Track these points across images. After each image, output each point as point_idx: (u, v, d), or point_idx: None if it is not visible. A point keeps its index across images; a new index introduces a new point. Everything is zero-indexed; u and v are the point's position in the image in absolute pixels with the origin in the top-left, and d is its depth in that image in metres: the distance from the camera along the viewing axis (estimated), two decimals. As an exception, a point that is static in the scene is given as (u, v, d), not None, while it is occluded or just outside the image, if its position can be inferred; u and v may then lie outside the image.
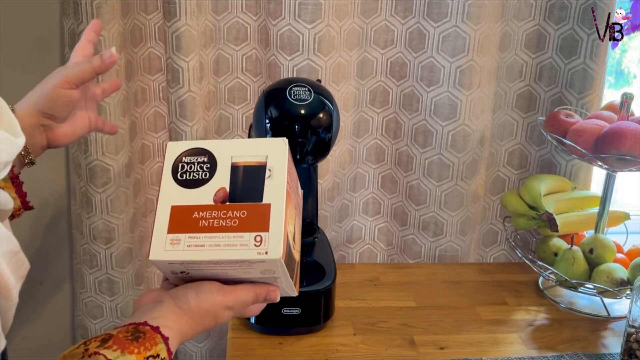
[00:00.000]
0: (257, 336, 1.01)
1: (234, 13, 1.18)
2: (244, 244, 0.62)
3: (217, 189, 0.65)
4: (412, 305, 1.12)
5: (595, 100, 1.22)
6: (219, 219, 0.64)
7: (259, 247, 0.62)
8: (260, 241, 0.62)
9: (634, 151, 1.04)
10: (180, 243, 0.63)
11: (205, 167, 0.66)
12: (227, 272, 0.65)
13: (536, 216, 1.18)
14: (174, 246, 0.63)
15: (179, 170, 0.67)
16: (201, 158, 0.67)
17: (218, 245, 0.62)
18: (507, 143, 1.31)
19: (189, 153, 0.68)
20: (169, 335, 0.62)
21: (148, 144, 1.26)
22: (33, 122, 0.74)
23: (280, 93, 0.98)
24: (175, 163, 0.67)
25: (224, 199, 0.65)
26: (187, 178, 0.66)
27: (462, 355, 0.99)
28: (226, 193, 0.65)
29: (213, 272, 0.65)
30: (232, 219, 0.63)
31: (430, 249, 1.31)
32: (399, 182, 1.31)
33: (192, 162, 0.67)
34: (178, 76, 1.14)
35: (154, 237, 0.64)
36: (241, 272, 0.65)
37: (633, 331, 0.92)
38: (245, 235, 0.62)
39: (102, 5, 1.06)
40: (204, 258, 0.62)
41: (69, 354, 0.57)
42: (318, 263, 1.07)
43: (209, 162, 0.67)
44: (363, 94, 1.26)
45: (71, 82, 0.74)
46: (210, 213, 0.64)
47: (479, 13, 1.15)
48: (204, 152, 0.67)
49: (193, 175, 0.66)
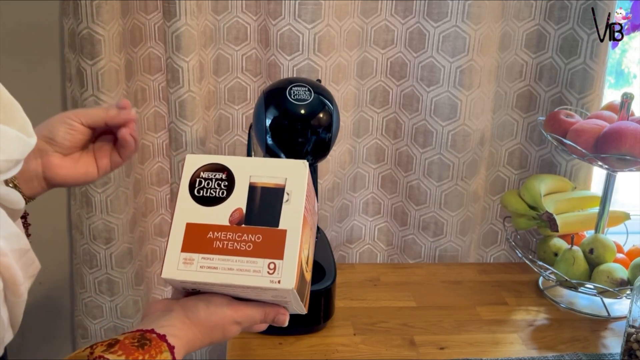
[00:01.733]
0: (257, 336, 1.01)
1: (234, 13, 1.18)
2: (257, 271, 0.62)
3: (234, 209, 0.65)
4: (412, 306, 1.12)
5: (596, 100, 1.22)
6: (234, 242, 0.63)
7: (272, 275, 0.62)
8: (274, 269, 0.62)
9: (634, 151, 1.04)
10: (193, 263, 0.63)
11: (223, 185, 0.66)
12: (238, 294, 0.65)
13: (536, 216, 1.18)
14: (187, 266, 0.63)
15: (196, 185, 0.66)
16: (219, 175, 0.66)
17: (231, 270, 0.62)
18: (507, 143, 1.31)
19: (208, 168, 0.67)
20: (175, 345, 0.61)
21: (148, 144, 1.26)
22: None
23: (280, 93, 0.98)
24: (193, 178, 0.66)
25: (240, 220, 0.64)
26: (204, 195, 0.66)
27: (462, 355, 0.99)
28: (242, 214, 0.64)
29: (224, 291, 0.65)
30: (246, 243, 0.63)
31: (430, 249, 1.31)
32: (399, 182, 1.31)
33: (210, 178, 0.66)
34: (178, 76, 1.14)
35: (167, 255, 0.63)
36: (252, 295, 0.65)
37: (633, 331, 0.92)
38: (259, 261, 0.62)
39: (102, 5, 1.06)
40: (216, 281, 0.63)
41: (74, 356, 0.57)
42: (318, 263, 1.07)
43: (227, 179, 0.66)
44: (363, 94, 1.26)
45: (79, 117, 0.71)
46: (225, 234, 0.64)
47: (479, 13, 1.15)
48: (223, 168, 0.67)
49: (210, 192, 0.66)
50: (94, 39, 1.08)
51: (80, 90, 1.12)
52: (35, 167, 0.71)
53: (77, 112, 0.72)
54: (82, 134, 0.71)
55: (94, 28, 1.07)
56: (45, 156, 0.71)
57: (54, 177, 0.72)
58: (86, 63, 1.09)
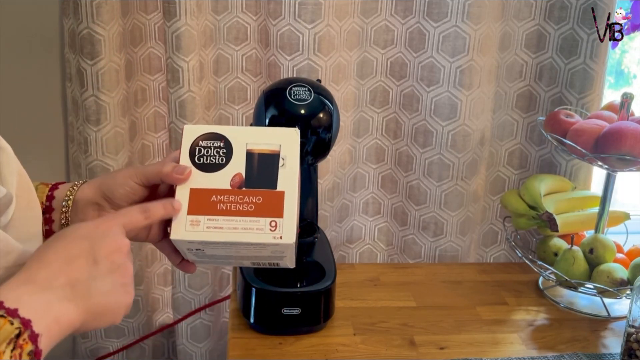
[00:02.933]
0: (257, 336, 1.01)
1: (234, 13, 1.18)
2: (260, 228, 0.67)
3: (234, 174, 0.69)
4: (412, 305, 1.12)
5: (596, 100, 1.22)
6: (236, 204, 0.68)
7: (274, 231, 0.67)
8: (275, 226, 0.67)
9: (634, 151, 1.04)
10: (200, 224, 0.67)
11: (222, 152, 0.70)
12: (240, 251, 0.69)
13: (536, 216, 1.18)
14: (194, 227, 0.67)
15: (197, 153, 0.70)
16: (217, 143, 0.70)
17: (236, 229, 0.67)
18: (507, 143, 1.31)
19: (206, 137, 0.70)
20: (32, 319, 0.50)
21: (148, 144, 1.26)
22: (91, 197, 0.71)
23: (280, 93, 0.98)
24: (192, 146, 0.70)
25: (240, 184, 0.69)
26: (205, 162, 0.69)
27: (462, 355, 0.99)
28: (242, 179, 0.69)
29: (226, 251, 0.69)
30: (248, 204, 0.68)
31: (430, 249, 1.31)
32: (399, 182, 1.31)
33: (209, 147, 0.70)
34: (178, 76, 1.14)
35: (175, 217, 0.67)
36: (253, 251, 0.69)
37: (633, 331, 0.92)
38: (261, 220, 0.67)
39: (102, 5, 1.06)
40: (223, 239, 0.67)
41: None
42: (318, 263, 1.07)
43: (225, 147, 0.70)
44: (363, 94, 1.26)
45: (139, 177, 0.71)
46: (228, 197, 0.68)
47: (479, 13, 1.15)
48: (220, 137, 0.70)
49: (210, 159, 0.70)
50: (94, 39, 1.08)
51: (80, 90, 1.12)
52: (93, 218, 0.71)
53: (137, 171, 0.71)
54: (140, 194, 0.71)
55: (94, 28, 1.07)
56: (103, 211, 0.71)
57: None
58: (86, 63, 1.09)
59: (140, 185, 0.70)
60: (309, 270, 1.05)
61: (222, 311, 1.36)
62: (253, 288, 0.99)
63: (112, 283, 0.56)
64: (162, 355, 1.40)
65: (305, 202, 1.07)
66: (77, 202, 0.71)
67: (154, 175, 0.70)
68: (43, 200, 0.71)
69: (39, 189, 0.72)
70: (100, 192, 0.71)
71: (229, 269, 1.34)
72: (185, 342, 1.34)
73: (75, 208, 0.71)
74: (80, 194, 0.71)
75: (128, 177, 0.71)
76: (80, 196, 0.71)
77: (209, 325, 1.34)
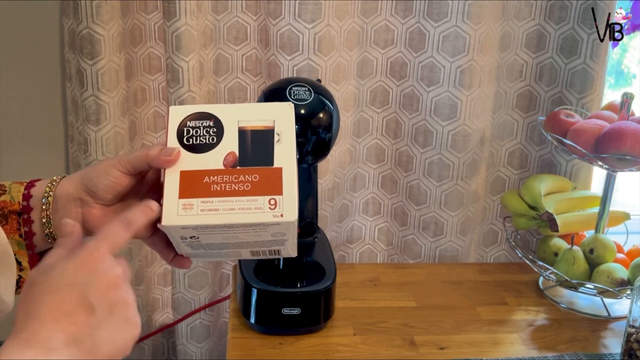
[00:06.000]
0: (257, 336, 1.01)
1: (234, 13, 1.18)
2: (259, 207, 0.62)
3: (226, 153, 0.65)
4: (412, 306, 1.12)
5: (596, 100, 1.22)
6: (231, 183, 0.63)
7: (273, 210, 0.62)
8: (274, 204, 0.63)
9: (634, 151, 1.04)
10: (193, 208, 0.62)
11: (212, 132, 0.66)
12: (238, 236, 0.65)
13: (536, 216, 1.18)
14: (187, 211, 0.62)
15: (185, 134, 0.66)
16: (207, 122, 0.66)
17: (232, 209, 0.62)
18: (507, 143, 1.31)
19: (194, 117, 0.67)
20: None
21: (148, 144, 1.26)
22: (72, 192, 0.66)
23: (280, 93, 0.98)
24: (180, 127, 0.66)
25: (234, 163, 0.65)
26: (194, 142, 0.65)
27: (462, 355, 0.99)
28: (236, 157, 0.65)
29: (224, 237, 0.65)
30: (244, 183, 0.63)
31: (430, 249, 1.31)
32: (399, 182, 1.31)
33: (197, 127, 0.66)
34: (178, 76, 1.13)
35: (165, 203, 0.63)
36: (252, 236, 0.65)
37: (633, 331, 0.92)
38: (259, 198, 0.63)
39: (101, 5, 1.06)
40: (220, 222, 0.62)
41: None
42: (318, 263, 1.07)
43: (215, 126, 0.66)
44: (363, 94, 1.26)
45: (123, 166, 0.66)
46: (222, 177, 0.64)
47: (479, 13, 1.15)
48: (209, 116, 0.67)
49: (200, 139, 0.65)
50: (93, 38, 1.08)
51: (80, 90, 1.12)
52: (75, 217, 0.66)
53: (121, 160, 0.66)
54: (125, 184, 0.66)
55: (93, 28, 1.07)
56: (86, 207, 0.66)
57: (93, 229, 0.67)
58: (86, 63, 1.09)
59: (125, 173, 0.65)
60: (309, 270, 1.05)
61: (222, 311, 1.36)
62: (253, 288, 0.99)
63: (115, 325, 0.52)
64: (161, 355, 1.40)
65: (305, 202, 1.07)
66: (58, 198, 0.66)
67: (140, 161, 0.65)
68: (19, 200, 0.66)
69: (12, 188, 0.67)
70: (82, 186, 0.66)
71: (228, 268, 1.34)
72: (185, 342, 1.34)
73: (55, 205, 0.66)
74: (60, 189, 0.66)
75: (111, 166, 0.65)
76: (60, 192, 0.66)
77: (209, 325, 1.34)
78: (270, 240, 0.66)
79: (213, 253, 0.68)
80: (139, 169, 0.66)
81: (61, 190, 0.66)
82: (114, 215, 0.67)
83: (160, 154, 0.64)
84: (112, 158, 0.67)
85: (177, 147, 0.65)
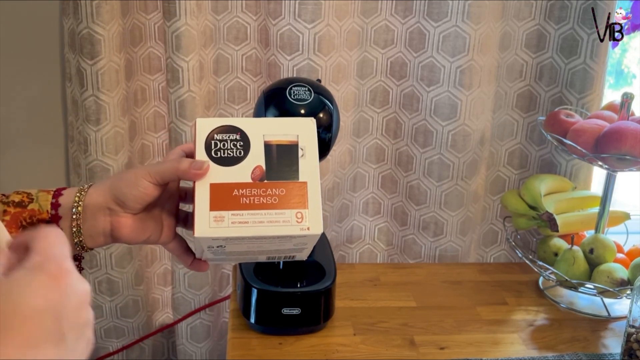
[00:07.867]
0: (257, 336, 1.01)
1: (234, 13, 1.18)
2: (287, 221, 0.65)
3: (254, 167, 0.67)
4: (412, 305, 1.12)
5: (596, 100, 1.22)
6: (260, 197, 0.66)
7: (300, 223, 0.66)
8: (301, 218, 0.66)
9: (634, 151, 1.04)
10: (224, 220, 0.65)
11: (239, 145, 0.68)
12: (263, 246, 0.67)
13: (536, 216, 1.18)
14: (218, 223, 0.65)
15: (213, 147, 0.67)
16: (233, 135, 0.68)
17: (262, 222, 0.65)
18: (507, 143, 1.31)
19: (221, 130, 0.68)
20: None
21: (148, 144, 1.26)
22: (101, 201, 0.68)
23: (280, 93, 0.98)
24: (207, 140, 0.68)
25: (262, 177, 0.67)
26: (222, 155, 0.67)
27: (462, 355, 0.99)
28: (263, 171, 0.67)
29: (249, 246, 0.67)
30: (272, 197, 0.66)
31: (430, 249, 1.31)
32: (399, 182, 1.31)
33: (225, 140, 0.68)
34: (178, 76, 1.13)
35: (197, 215, 0.65)
36: (276, 245, 0.67)
37: (633, 331, 0.92)
38: (286, 212, 0.66)
39: (101, 5, 1.06)
40: (250, 234, 0.65)
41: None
42: (318, 263, 1.07)
43: (241, 139, 0.68)
44: (363, 94, 1.26)
45: (153, 176, 0.67)
46: (250, 191, 0.66)
47: (479, 13, 1.15)
48: (236, 129, 0.68)
49: (228, 152, 0.67)
50: (93, 38, 1.08)
51: (80, 90, 1.12)
52: (104, 226, 0.68)
53: (151, 170, 0.67)
54: (153, 194, 0.68)
55: (93, 28, 1.07)
56: (115, 216, 0.68)
57: (121, 236, 0.69)
58: (86, 63, 1.09)
59: (154, 184, 0.67)
60: (309, 270, 1.05)
61: (222, 311, 1.36)
62: (253, 288, 0.99)
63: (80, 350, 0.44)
64: (162, 355, 1.40)
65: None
66: (87, 207, 0.68)
67: (170, 173, 0.67)
68: (48, 209, 0.68)
69: (40, 196, 0.69)
70: (111, 196, 0.68)
71: (228, 269, 1.34)
72: (185, 342, 1.34)
73: (84, 214, 0.67)
74: (89, 199, 0.68)
75: (141, 177, 0.67)
76: (89, 201, 0.68)
77: (208, 325, 1.34)
78: (291, 249, 0.69)
79: (232, 258, 0.71)
80: (167, 181, 0.68)
81: (90, 199, 0.68)
82: (140, 223, 0.70)
83: (191, 168, 0.66)
84: (140, 168, 0.69)
85: (207, 161, 0.66)
